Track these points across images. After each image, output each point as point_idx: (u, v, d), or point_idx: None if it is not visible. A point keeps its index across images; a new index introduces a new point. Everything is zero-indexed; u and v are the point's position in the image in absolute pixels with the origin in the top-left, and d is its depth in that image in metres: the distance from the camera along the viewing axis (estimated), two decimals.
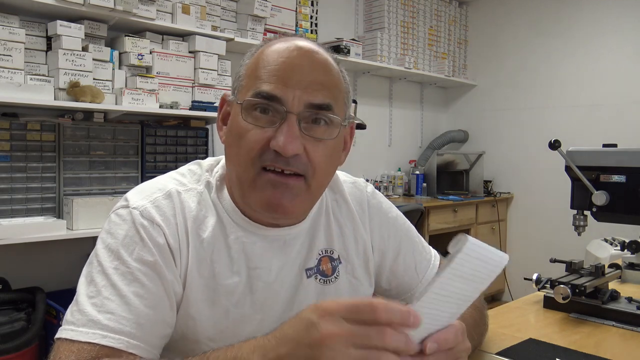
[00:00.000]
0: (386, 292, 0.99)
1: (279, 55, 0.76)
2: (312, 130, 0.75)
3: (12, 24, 2.13)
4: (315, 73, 0.76)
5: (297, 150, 0.73)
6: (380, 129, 4.13)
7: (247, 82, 0.77)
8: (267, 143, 0.73)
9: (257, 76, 0.76)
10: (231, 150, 0.78)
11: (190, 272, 0.76)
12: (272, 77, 0.74)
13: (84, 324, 0.68)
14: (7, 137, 2.18)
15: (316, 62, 0.77)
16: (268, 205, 0.75)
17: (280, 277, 0.82)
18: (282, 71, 0.74)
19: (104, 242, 0.75)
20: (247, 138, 0.74)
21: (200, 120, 2.77)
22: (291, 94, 0.73)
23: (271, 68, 0.75)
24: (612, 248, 2.85)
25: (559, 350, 0.97)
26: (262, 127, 0.74)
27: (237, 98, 0.78)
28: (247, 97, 0.75)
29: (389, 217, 0.98)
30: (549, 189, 3.95)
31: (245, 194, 0.77)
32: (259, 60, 0.77)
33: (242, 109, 0.75)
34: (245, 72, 0.79)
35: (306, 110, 0.74)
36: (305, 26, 3.30)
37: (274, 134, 0.73)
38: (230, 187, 0.82)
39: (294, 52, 0.76)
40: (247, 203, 0.78)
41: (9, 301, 2.08)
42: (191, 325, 0.77)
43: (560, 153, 1.31)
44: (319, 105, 0.75)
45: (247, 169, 0.75)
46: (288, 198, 0.75)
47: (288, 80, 0.74)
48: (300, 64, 0.75)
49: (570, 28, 3.96)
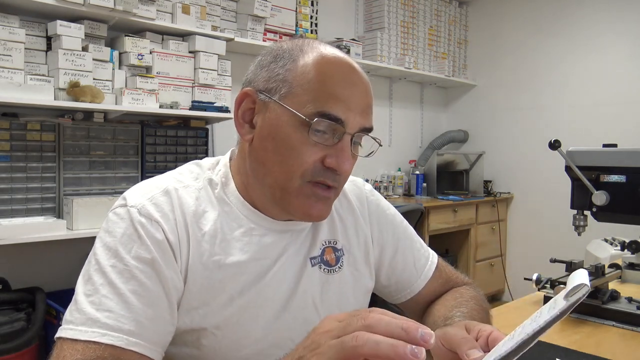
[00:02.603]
0: (386, 288, 1.00)
1: (341, 76, 0.77)
2: (356, 149, 0.80)
3: (12, 24, 2.13)
4: (367, 97, 0.80)
5: (350, 171, 0.79)
6: (380, 129, 4.13)
7: (302, 92, 0.76)
8: (321, 160, 0.76)
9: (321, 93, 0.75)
10: (270, 156, 0.78)
11: (192, 266, 0.77)
12: (338, 100, 0.75)
13: (83, 322, 0.68)
14: (7, 137, 2.18)
15: (368, 85, 0.80)
16: (309, 215, 0.79)
17: (285, 265, 0.84)
18: (347, 95, 0.76)
19: (102, 240, 0.75)
20: (301, 151, 0.76)
21: (200, 120, 2.77)
22: (352, 117, 0.76)
23: (337, 91, 0.76)
24: (612, 248, 2.85)
25: (559, 350, 0.97)
26: (318, 143, 0.76)
27: (285, 104, 0.76)
28: (309, 110, 0.75)
29: (387, 214, 1.00)
30: (549, 189, 3.95)
31: (285, 200, 0.79)
32: (312, 70, 0.76)
33: (304, 124, 0.75)
34: (293, 79, 0.77)
35: (359, 131, 0.78)
36: (305, 26, 3.30)
37: (329, 152, 0.76)
38: (242, 184, 0.84)
39: (352, 74, 0.79)
40: (285, 208, 0.80)
41: (9, 301, 2.08)
42: (196, 316, 0.77)
43: (560, 153, 1.31)
44: (369, 129, 0.80)
45: (294, 179, 0.77)
46: (326, 210, 0.81)
47: (352, 104, 0.76)
48: (359, 88, 0.78)
49: (570, 28, 3.96)
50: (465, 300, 0.94)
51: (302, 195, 0.77)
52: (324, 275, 0.88)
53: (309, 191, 0.77)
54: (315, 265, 0.87)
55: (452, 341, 0.69)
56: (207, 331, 0.78)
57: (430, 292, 1.00)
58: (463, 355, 0.65)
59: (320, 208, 0.79)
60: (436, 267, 1.01)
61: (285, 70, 0.78)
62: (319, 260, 0.88)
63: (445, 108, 4.77)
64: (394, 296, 1.01)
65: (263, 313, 0.81)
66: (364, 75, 0.81)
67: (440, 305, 0.95)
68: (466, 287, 1.03)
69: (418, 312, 1.02)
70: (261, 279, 0.81)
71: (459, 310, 0.88)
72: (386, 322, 0.48)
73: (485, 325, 0.72)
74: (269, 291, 0.81)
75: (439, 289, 1.01)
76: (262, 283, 0.81)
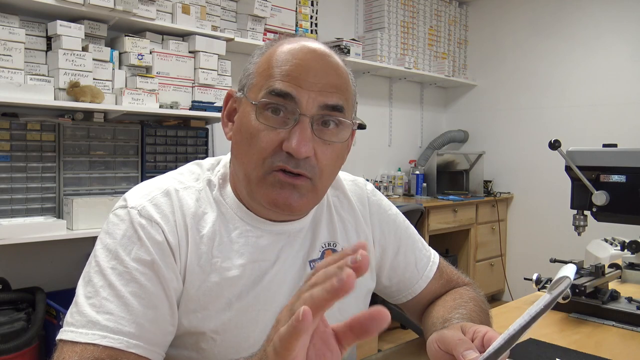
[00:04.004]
0: (387, 289, 1.00)
1: (292, 56, 0.76)
2: (323, 132, 0.76)
3: (12, 24, 2.13)
4: (329, 76, 0.76)
5: (309, 153, 0.74)
6: (380, 129, 4.13)
7: (259, 80, 0.77)
8: (280, 144, 0.74)
9: (270, 75, 0.76)
10: (240, 148, 0.78)
11: (190, 268, 0.77)
12: (286, 77, 0.74)
13: (84, 324, 0.68)
14: (7, 137, 2.18)
15: (330, 65, 0.77)
16: (275, 203, 0.76)
17: (284, 268, 0.83)
18: (296, 72, 0.75)
19: (102, 242, 0.75)
20: (259, 138, 0.75)
21: (200, 120, 2.77)
22: (306, 95, 0.74)
23: (285, 68, 0.75)
24: (612, 248, 2.85)
25: (559, 350, 0.97)
26: (275, 128, 0.74)
27: (248, 96, 0.78)
28: (260, 95, 0.75)
29: (388, 214, 0.99)
30: (549, 189, 3.95)
31: (252, 191, 0.78)
32: (271, 59, 0.77)
33: (257, 109, 0.75)
34: (255, 70, 0.79)
35: (319, 111, 0.75)
36: (305, 26, 3.30)
37: (287, 135, 0.74)
38: (235, 184, 0.83)
39: (308, 54, 0.76)
40: (254, 199, 0.79)
41: (9, 301, 2.08)
42: (194, 319, 0.77)
43: (560, 153, 1.30)
44: (333, 106, 0.76)
45: (257, 167, 0.76)
46: (295, 198, 0.76)
47: (302, 81, 0.74)
48: (314, 66, 0.76)
49: (570, 28, 3.96)
50: (464, 301, 0.94)
51: (266, 184, 0.76)
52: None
53: (273, 178, 0.75)
54: None
55: (448, 343, 0.69)
56: (205, 335, 0.78)
57: (431, 293, 1.00)
58: (459, 357, 0.66)
59: (286, 196, 0.75)
60: (437, 267, 1.01)
61: (253, 65, 0.80)
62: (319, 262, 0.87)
63: (445, 108, 4.77)
64: (394, 296, 1.01)
65: (262, 317, 0.80)
66: (331, 57, 0.78)
67: (439, 307, 0.94)
68: (466, 287, 1.02)
69: (419, 312, 1.02)
70: (259, 282, 0.81)
71: (458, 312, 0.88)
72: (324, 272, 0.46)
73: (481, 326, 0.72)
74: (268, 295, 0.81)
75: (439, 290, 1.01)
76: (260, 286, 0.80)
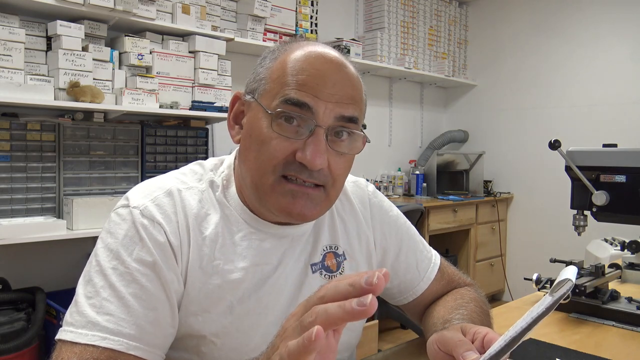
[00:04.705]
0: (388, 290, 1.00)
1: (309, 64, 0.74)
2: (336, 144, 0.75)
3: (12, 24, 2.13)
4: (346, 87, 0.75)
5: (323, 165, 0.73)
6: (380, 129, 4.13)
7: (273, 87, 0.75)
8: (292, 153, 0.73)
9: (286, 82, 0.74)
10: (249, 153, 0.77)
11: (192, 269, 0.76)
12: (303, 86, 0.73)
13: (84, 325, 0.67)
14: (7, 137, 2.18)
15: (347, 76, 0.76)
16: (289, 213, 0.75)
17: (285, 272, 0.83)
18: (314, 82, 0.73)
19: (103, 241, 0.74)
20: (271, 146, 0.73)
21: (200, 120, 2.77)
22: (323, 106, 0.73)
23: (302, 77, 0.73)
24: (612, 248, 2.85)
25: (559, 351, 0.97)
26: (288, 137, 0.73)
27: (260, 101, 0.76)
28: (275, 102, 0.73)
29: (390, 216, 0.99)
30: (549, 189, 3.95)
31: (262, 198, 0.77)
32: (285, 65, 0.75)
33: (271, 117, 0.73)
34: (269, 76, 0.77)
35: (335, 122, 0.74)
36: (305, 26, 3.30)
37: (301, 145, 0.73)
38: (240, 186, 0.82)
39: (325, 64, 0.75)
40: (264, 206, 0.78)
41: (9, 301, 2.08)
42: (194, 322, 0.77)
43: (560, 153, 1.30)
44: (349, 118, 0.75)
45: (266, 175, 0.74)
46: (308, 207, 0.76)
47: (320, 92, 0.73)
48: (332, 77, 0.74)
49: (570, 28, 3.96)
50: (465, 302, 0.94)
51: (277, 192, 0.74)
52: (325, 281, 0.86)
53: (284, 187, 0.74)
54: (316, 271, 0.86)
55: (448, 344, 0.69)
56: (206, 339, 0.77)
57: (432, 294, 1.00)
58: (459, 358, 0.66)
59: (301, 205, 0.74)
60: (439, 268, 1.01)
61: (265, 69, 0.78)
62: (320, 266, 0.87)
63: (445, 108, 4.77)
64: (396, 298, 1.01)
65: (263, 321, 0.80)
66: (348, 69, 0.77)
67: (440, 307, 0.94)
68: (467, 288, 1.02)
69: (420, 313, 1.02)
70: (261, 286, 0.80)
71: (459, 313, 0.88)
72: (334, 286, 0.46)
73: (481, 327, 0.72)
74: (270, 299, 0.81)
75: (441, 290, 1.01)
76: (262, 291, 0.80)
